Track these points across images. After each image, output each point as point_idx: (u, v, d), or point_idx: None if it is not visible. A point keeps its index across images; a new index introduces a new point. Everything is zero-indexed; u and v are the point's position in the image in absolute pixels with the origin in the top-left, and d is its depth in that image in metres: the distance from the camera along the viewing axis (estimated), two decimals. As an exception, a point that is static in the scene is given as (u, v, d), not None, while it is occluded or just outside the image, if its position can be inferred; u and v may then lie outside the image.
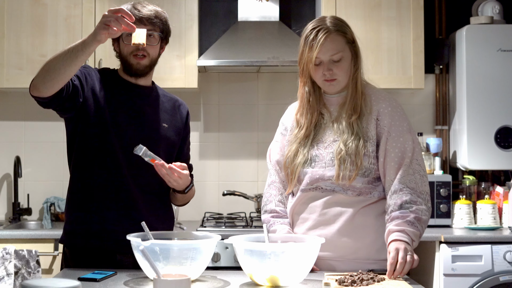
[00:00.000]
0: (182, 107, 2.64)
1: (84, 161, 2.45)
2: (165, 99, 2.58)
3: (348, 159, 2.27)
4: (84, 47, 2.19)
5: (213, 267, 3.30)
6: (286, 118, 2.53)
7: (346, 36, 2.34)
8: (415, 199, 2.26)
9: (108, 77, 2.51)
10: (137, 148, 2.33)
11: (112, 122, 2.42)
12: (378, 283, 2.04)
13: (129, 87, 2.50)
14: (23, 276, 1.96)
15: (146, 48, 2.41)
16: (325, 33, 2.31)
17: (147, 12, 2.42)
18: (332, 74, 2.32)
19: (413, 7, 3.88)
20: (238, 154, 4.21)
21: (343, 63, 2.33)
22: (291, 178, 2.37)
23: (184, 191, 2.49)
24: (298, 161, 2.35)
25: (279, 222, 2.41)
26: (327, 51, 2.31)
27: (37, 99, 2.29)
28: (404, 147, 2.29)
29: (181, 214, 4.04)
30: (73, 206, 2.47)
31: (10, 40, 3.80)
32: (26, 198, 4.07)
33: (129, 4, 2.46)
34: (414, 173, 2.28)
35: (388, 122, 2.31)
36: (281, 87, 4.21)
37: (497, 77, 3.88)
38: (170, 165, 2.36)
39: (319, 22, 2.35)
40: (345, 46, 2.34)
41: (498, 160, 3.88)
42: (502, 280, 3.40)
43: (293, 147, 2.38)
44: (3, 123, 4.14)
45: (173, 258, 1.99)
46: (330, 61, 2.32)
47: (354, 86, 2.35)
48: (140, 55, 2.43)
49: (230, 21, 4.18)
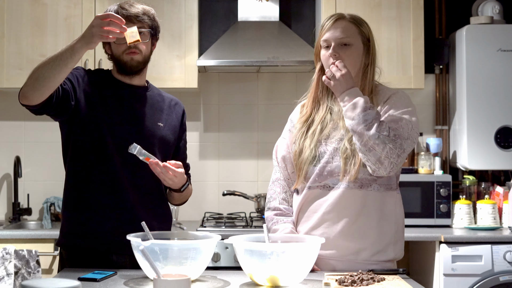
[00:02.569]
0: (178, 106, 2.63)
1: (79, 163, 2.44)
2: (160, 98, 2.58)
3: (353, 157, 2.27)
4: (74, 53, 2.16)
5: (213, 267, 3.30)
6: (294, 115, 2.51)
7: (360, 28, 2.35)
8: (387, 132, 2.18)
9: (102, 78, 2.50)
10: (131, 146, 2.32)
11: (107, 122, 2.41)
12: (378, 283, 2.04)
13: (123, 87, 2.50)
14: (23, 276, 1.96)
15: (137, 45, 2.41)
16: (337, 17, 2.35)
17: (134, 10, 2.41)
18: (338, 59, 2.29)
19: (413, 7, 3.88)
20: (238, 154, 4.21)
21: (352, 50, 2.32)
22: (298, 174, 2.37)
23: (180, 190, 2.48)
24: (306, 157, 2.35)
25: (282, 220, 2.41)
26: (335, 32, 2.32)
27: (27, 107, 2.28)
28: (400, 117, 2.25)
29: (181, 214, 4.04)
30: (68, 208, 2.47)
31: (10, 40, 3.81)
32: (26, 198, 4.08)
33: (116, 5, 2.45)
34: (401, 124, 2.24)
35: (392, 102, 2.31)
36: (281, 87, 4.21)
37: (497, 77, 3.88)
38: (165, 163, 2.36)
39: (338, 13, 2.39)
40: (357, 36, 2.34)
41: (498, 160, 3.88)
42: (502, 280, 3.40)
43: (299, 142, 2.37)
44: (3, 123, 4.14)
45: (173, 258, 1.99)
46: (338, 45, 2.31)
47: (363, 85, 2.34)
48: (132, 51, 2.43)
49: (230, 21, 4.18)
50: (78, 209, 2.43)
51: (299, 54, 3.79)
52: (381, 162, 2.21)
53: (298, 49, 3.82)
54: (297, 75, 4.18)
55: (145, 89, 2.55)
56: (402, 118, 2.26)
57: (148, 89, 2.56)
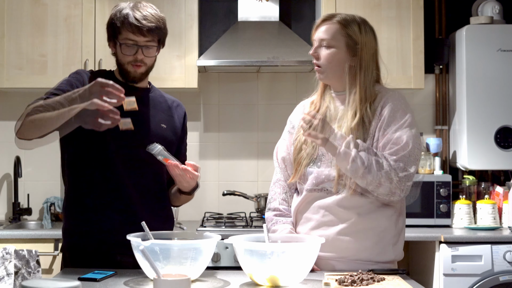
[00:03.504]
0: (179, 107, 2.63)
1: (81, 165, 2.43)
2: (162, 100, 2.58)
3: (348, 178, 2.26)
4: (71, 113, 2.14)
5: (213, 267, 3.30)
6: (294, 116, 2.52)
7: (346, 30, 2.33)
8: (385, 165, 2.19)
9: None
10: (151, 146, 2.31)
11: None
12: (378, 283, 2.04)
13: (126, 89, 2.49)
14: (23, 276, 1.96)
15: (143, 59, 2.41)
16: (324, 18, 2.36)
17: (148, 24, 2.37)
18: (317, 58, 2.35)
19: (413, 7, 3.88)
20: (238, 154, 4.21)
21: (331, 53, 2.32)
22: (296, 168, 2.37)
23: (190, 193, 2.48)
24: (306, 154, 2.35)
25: (281, 221, 2.42)
26: (319, 32, 2.36)
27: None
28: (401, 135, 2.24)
29: (181, 214, 4.04)
30: (71, 210, 2.46)
31: (10, 40, 3.80)
32: (26, 198, 4.08)
33: (129, 7, 2.42)
34: (405, 157, 2.21)
35: (388, 114, 2.28)
36: (281, 87, 4.21)
37: (497, 77, 3.88)
38: (184, 166, 2.35)
39: (332, 13, 2.41)
40: (340, 38, 2.33)
41: (498, 160, 3.88)
42: (502, 280, 3.40)
43: (302, 137, 2.37)
44: (3, 123, 4.14)
45: (173, 258, 1.99)
46: (319, 45, 2.35)
47: (353, 89, 2.32)
48: (137, 65, 2.43)
49: (230, 21, 4.18)
50: (81, 211, 2.42)
51: (299, 54, 3.79)
52: (393, 193, 2.22)
53: (298, 49, 3.82)
54: (297, 75, 4.18)
55: (148, 91, 2.55)
56: (405, 140, 2.22)
57: (150, 91, 2.56)
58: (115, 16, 2.42)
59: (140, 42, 2.39)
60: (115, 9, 2.44)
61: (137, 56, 2.40)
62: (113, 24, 2.42)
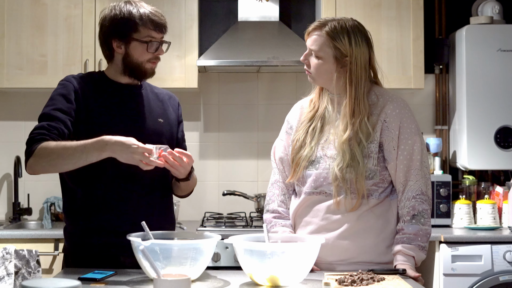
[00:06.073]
0: (173, 99, 2.63)
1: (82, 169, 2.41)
2: (154, 95, 2.57)
3: (348, 188, 2.27)
4: (92, 157, 2.25)
5: (213, 267, 3.30)
6: (291, 116, 2.51)
7: (334, 43, 2.31)
8: (426, 207, 2.29)
9: (97, 80, 2.47)
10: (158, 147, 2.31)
11: (108, 125, 2.38)
12: (378, 283, 2.04)
13: (120, 88, 2.48)
14: (23, 276, 1.96)
15: (157, 55, 2.46)
16: (314, 26, 2.36)
17: (161, 22, 2.43)
18: (307, 65, 2.38)
19: (413, 7, 3.88)
20: (238, 154, 4.21)
21: (318, 63, 2.34)
22: (295, 168, 2.37)
23: (187, 178, 2.46)
24: (305, 154, 2.35)
25: (280, 223, 2.41)
26: (309, 40, 2.38)
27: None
28: (412, 149, 2.30)
29: (181, 214, 4.04)
30: (71, 211, 2.45)
31: (10, 40, 3.81)
32: (26, 198, 4.08)
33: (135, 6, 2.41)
34: (425, 176, 2.30)
35: (397, 124, 2.30)
36: (281, 87, 4.21)
37: (497, 77, 3.88)
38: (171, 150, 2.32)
39: (326, 18, 2.38)
40: (327, 50, 2.32)
41: (498, 160, 3.88)
42: (502, 280, 3.40)
43: (300, 136, 2.37)
44: (3, 123, 4.14)
45: (174, 258, 1.99)
46: (310, 53, 2.37)
47: (344, 104, 2.32)
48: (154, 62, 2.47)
49: (230, 21, 4.18)
50: (82, 212, 2.41)
51: (299, 54, 3.74)
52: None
53: (298, 49, 3.82)
54: (297, 75, 4.19)
55: (140, 87, 2.54)
56: (424, 173, 2.31)
57: (142, 87, 2.55)
58: (122, 15, 2.39)
59: (159, 39, 2.44)
60: (115, 10, 2.42)
61: (159, 53, 2.44)
62: (125, 24, 2.40)
